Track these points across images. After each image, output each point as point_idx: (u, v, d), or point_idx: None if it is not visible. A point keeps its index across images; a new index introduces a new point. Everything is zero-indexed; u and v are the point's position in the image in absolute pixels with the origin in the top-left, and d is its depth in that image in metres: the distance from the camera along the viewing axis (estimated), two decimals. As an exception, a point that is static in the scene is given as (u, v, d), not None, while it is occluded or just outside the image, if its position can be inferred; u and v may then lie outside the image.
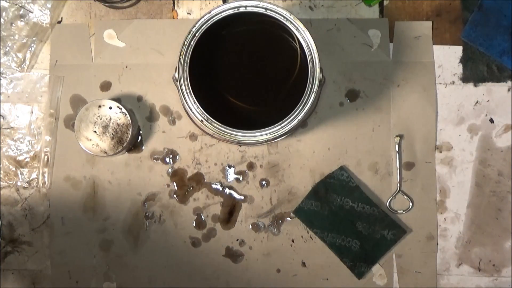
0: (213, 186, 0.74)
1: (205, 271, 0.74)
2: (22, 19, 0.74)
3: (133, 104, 0.74)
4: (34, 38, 0.74)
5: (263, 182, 0.74)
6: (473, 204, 0.74)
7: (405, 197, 0.73)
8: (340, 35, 0.74)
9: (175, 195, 0.74)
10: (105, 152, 0.70)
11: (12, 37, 0.74)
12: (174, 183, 0.74)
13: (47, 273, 0.74)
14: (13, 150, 0.74)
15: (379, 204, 0.73)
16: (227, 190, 0.74)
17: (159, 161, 0.74)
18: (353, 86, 0.74)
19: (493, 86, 0.75)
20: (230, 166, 0.74)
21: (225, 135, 0.61)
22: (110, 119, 0.70)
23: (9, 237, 0.74)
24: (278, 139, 0.64)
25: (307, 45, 0.61)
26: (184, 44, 0.60)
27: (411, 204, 0.73)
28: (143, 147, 0.74)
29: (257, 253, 0.74)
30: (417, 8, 0.75)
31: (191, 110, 0.61)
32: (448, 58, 0.75)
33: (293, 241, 0.74)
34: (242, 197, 0.74)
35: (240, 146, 0.74)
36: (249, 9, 0.61)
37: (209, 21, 0.61)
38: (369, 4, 0.74)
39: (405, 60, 0.74)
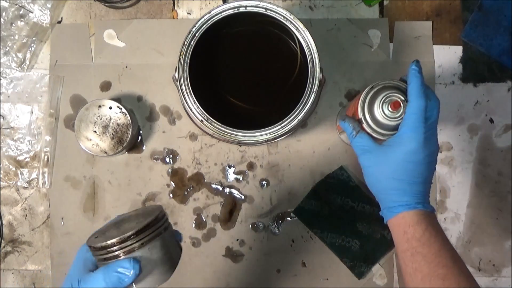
0: (213, 186, 0.74)
1: (205, 271, 0.74)
2: (22, 19, 0.74)
3: (133, 104, 0.74)
4: (34, 38, 0.74)
5: (263, 182, 0.74)
6: (473, 204, 0.74)
7: (405, 197, 0.73)
8: (340, 35, 0.74)
9: (174, 195, 0.74)
10: (105, 152, 0.70)
11: (12, 37, 0.74)
12: (174, 183, 0.74)
13: (47, 273, 0.74)
14: (13, 150, 0.74)
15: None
16: (227, 190, 0.74)
17: (159, 161, 0.74)
18: (353, 86, 0.74)
19: (493, 86, 0.75)
20: (230, 166, 0.74)
21: (225, 135, 0.61)
22: (110, 119, 0.70)
23: (9, 237, 0.74)
24: (278, 139, 0.64)
25: (307, 45, 0.61)
26: (184, 44, 0.60)
27: (411, 204, 0.73)
28: (143, 147, 0.74)
29: (257, 253, 0.74)
30: (417, 8, 0.75)
31: (191, 110, 0.61)
32: (448, 58, 0.75)
33: (293, 241, 0.74)
34: (242, 197, 0.74)
35: (240, 146, 0.74)
36: (249, 9, 0.61)
37: (209, 21, 0.61)
38: (369, 4, 0.74)
39: (405, 60, 0.74)
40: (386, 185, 0.56)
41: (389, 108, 0.56)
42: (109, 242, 0.46)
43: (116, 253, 0.46)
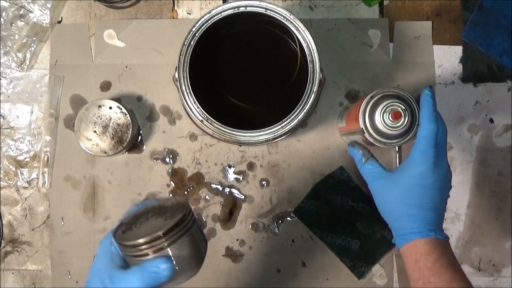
0: (213, 186, 0.74)
1: (205, 271, 0.74)
2: (22, 19, 0.74)
3: (133, 104, 0.74)
4: (34, 38, 0.74)
5: (263, 182, 0.74)
6: (473, 204, 0.74)
7: (405, 197, 0.73)
8: (340, 35, 0.74)
9: (174, 195, 0.74)
10: (105, 152, 0.70)
11: (12, 37, 0.74)
12: (174, 183, 0.74)
13: (47, 273, 0.74)
14: (13, 150, 0.74)
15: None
16: (227, 190, 0.74)
17: (159, 161, 0.74)
18: (353, 86, 0.74)
19: (493, 86, 0.75)
20: (230, 166, 0.74)
21: (225, 135, 0.61)
22: (110, 119, 0.70)
23: (9, 237, 0.74)
24: (278, 139, 0.64)
25: (307, 45, 0.61)
26: (184, 44, 0.60)
27: (411, 204, 0.73)
28: (143, 147, 0.74)
29: (257, 253, 0.74)
30: (417, 8, 0.75)
31: (191, 110, 0.61)
32: (448, 58, 0.75)
33: (293, 241, 0.74)
34: (242, 197, 0.74)
35: (240, 146, 0.74)
36: (249, 9, 0.61)
37: (209, 21, 0.61)
38: (369, 4, 0.74)
39: (405, 60, 0.74)
40: (398, 211, 0.56)
41: (390, 118, 0.56)
42: (140, 241, 0.46)
43: (146, 251, 0.46)
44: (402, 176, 0.55)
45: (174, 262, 0.47)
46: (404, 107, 0.56)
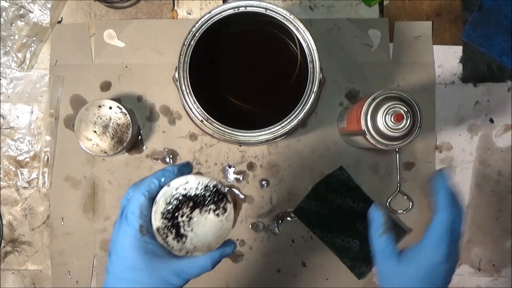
0: (213, 186, 0.74)
1: (205, 271, 0.74)
2: (22, 19, 0.74)
3: (133, 104, 0.74)
4: (34, 38, 0.74)
5: (263, 182, 0.74)
6: (473, 204, 0.74)
7: (405, 197, 0.73)
8: (340, 35, 0.74)
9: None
10: (105, 152, 0.70)
11: (12, 37, 0.74)
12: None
13: (47, 273, 0.74)
14: (13, 150, 0.74)
15: (379, 204, 0.73)
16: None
17: (159, 161, 0.74)
18: (353, 86, 0.74)
19: (493, 86, 0.75)
20: (230, 166, 0.74)
21: (225, 135, 0.61)
22: (110, 119, 0.70)
23: (9, 237, 0.74)
24: (278, 139, 0.64)
25: (307, 45, 0.61)
26: (184, 44, 0.60)
27: (411, 204, 0.73)
28: (143, 147, 0.74)
29: (257, 253, 0.74)
30: (417, 8, 0.75)
31: (191, 110, 0.61)
32: (448, 58, 0.75)
33: (293, 241, 0.74)
34: (242, 197, 0.74)
35: (240, 146, 0.74)
36: (249, 9, 0.61)
37: (209, 21, 0.61)
38: (369, 4, 0.74)
39: (405, 60, 0.74)
40: None
41: (392, 120, 0.56)
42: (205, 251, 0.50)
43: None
44: (413, 263, 0.53)
45: None
46: (406, 109, 0.56)
